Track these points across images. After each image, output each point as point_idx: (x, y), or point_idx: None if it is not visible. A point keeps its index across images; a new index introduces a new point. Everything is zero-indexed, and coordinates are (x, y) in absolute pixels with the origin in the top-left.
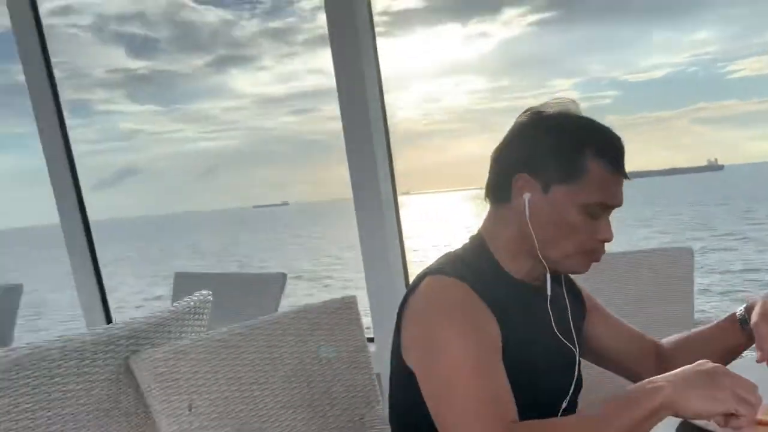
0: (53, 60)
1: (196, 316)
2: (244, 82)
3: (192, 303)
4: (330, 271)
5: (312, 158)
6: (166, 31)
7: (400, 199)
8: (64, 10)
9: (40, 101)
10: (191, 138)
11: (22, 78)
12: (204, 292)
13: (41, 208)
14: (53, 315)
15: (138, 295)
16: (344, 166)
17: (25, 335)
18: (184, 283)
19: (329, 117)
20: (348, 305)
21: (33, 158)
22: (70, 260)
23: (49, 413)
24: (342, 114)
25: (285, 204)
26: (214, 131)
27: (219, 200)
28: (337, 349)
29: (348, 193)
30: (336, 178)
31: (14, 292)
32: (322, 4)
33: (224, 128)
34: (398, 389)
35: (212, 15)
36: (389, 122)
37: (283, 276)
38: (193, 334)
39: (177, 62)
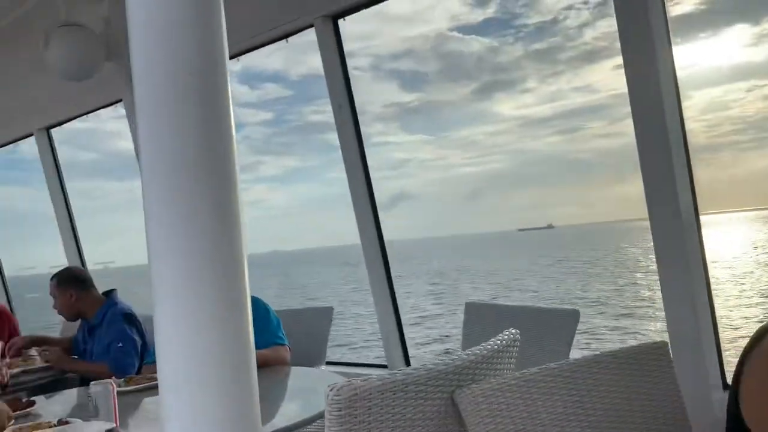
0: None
1: (507, 353)
2: (507, 105)
3: (504, 341)
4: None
5: (577, 178)
6: (434, 64)
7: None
8: (348, 55)
9: (345, 136)
10: (456, 164)
11: (313, 118)
12: (513, 330)
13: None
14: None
15: (413, 310)
16: (613, 187)
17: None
18: (476, 312)
19: (596, 135)
20: (659, 351)
21: (321, 187)
22: (369, 276)
23: None
24: (636, 124)
25: (550, 227)
26: (478, 156)
27: (483, 224)
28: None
29: (620, 214)
30: (605, 199)
31: (325, 313)
32: (589, 21)
33: (488, 152)
34: None
35: (477, 44)
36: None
37: (576, 313)
38: (507, 371)
39: (444, 92)
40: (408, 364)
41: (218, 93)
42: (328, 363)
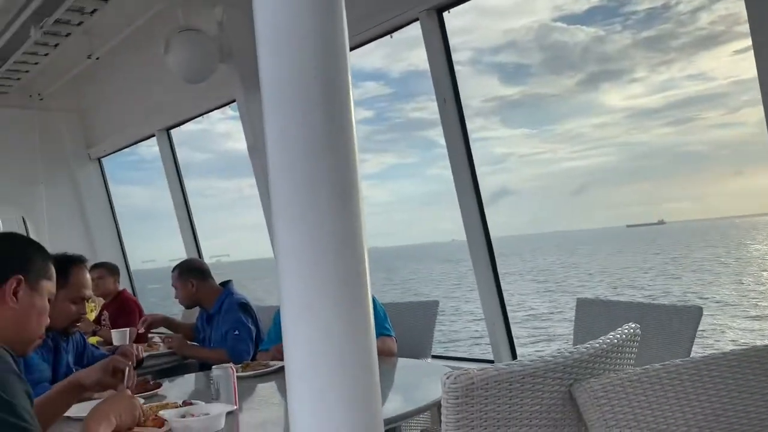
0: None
1: (628, 348)
2: (615, 96)
3: (624, 336)
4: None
5: (690, 172)
6: (537, 56)
7: None
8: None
9: (450, 131)
10: (560, 158)
11: (414, 115)
12: (633, 325)
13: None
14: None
15: (518, 308)
16: (731, 180)
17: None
18: (588, 309)
19: (711, 125)
20: None
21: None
22: (475, 271)
23: (508, 430)
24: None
25: (661, 223)
26: (583, 149)
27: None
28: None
29: (740, 209)
30: (721, 193)
31: (431, 307)
32: (704, 4)
33: (594, 146)
34: None
35: (582, 33)
36: None
37: (698, 310)
38: (626, 367)
39: (547, 85)
40: (515, 359)
41: (341, 93)
42: (434, 357)
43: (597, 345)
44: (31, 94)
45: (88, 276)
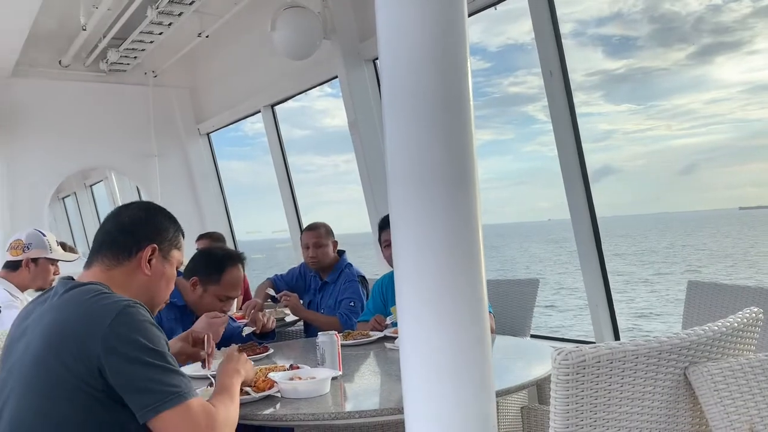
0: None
1: (748, 332)
2: (730, 69)
3: (744, 319)
4: None
5: None
6: (645, 27)
7: None
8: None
9: (556, 104)
10: (668, 135)
11: (511, 90)
12: (755, 309)
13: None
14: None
15: (622, 292)
16: None
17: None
18: (699, 292)
19: None
20: None
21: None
22: (579, 252)
23: (619, 409)
24: None
25: None
26: (693, 126)
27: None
28: None
29: None
30: None
31: (531, 285)
32: None
33: (705, 123)
34: None
35: (696, 3)
36: None
37: None
38: (746, 352)
39: (656, 58)
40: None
41: (459, 76)
42: (532, 336)
43: (716, 328)
44: (147, 71)
45: (240, 276)
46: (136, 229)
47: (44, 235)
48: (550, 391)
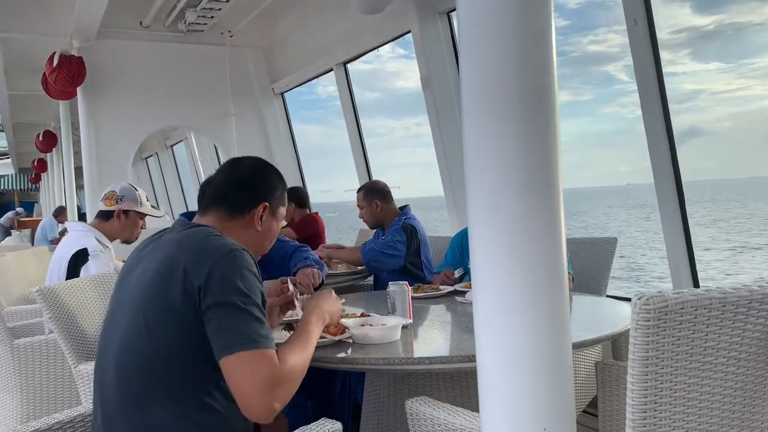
0: None
1: None
2: None
3: None
4: None
5: None
6: None
7: None
8: None
9: (640, 57)
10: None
11: (591, 48)
12: None
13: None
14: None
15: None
16: None
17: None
18: None
19: None
20: None
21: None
22: (661, 218)
23: (702, 359)
24: None
25: None
26: None
27: None
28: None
29: None
30: None
31: (609, 244)
32: None
33: None
34: None
35: None
36: None
37: None
38: None
39: (749, 12)
40: None
41: (542, 29)
42: (608, 297)
43: None
44: (223, 31)
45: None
46: (250, 188)
47: (136, 190)
48: (629, 338)
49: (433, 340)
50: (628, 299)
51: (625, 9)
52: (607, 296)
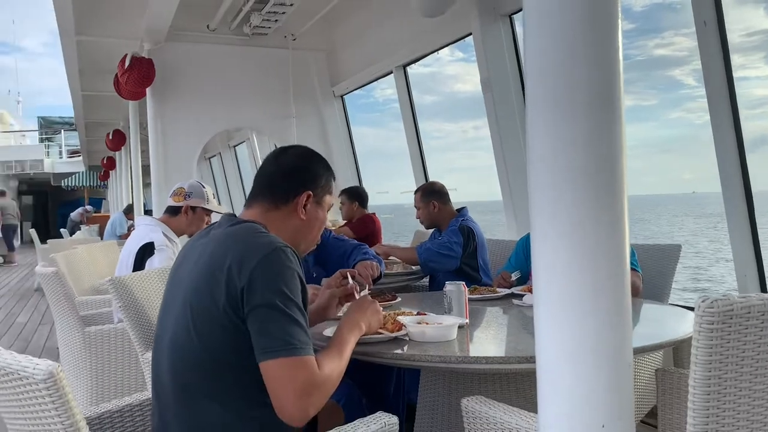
0: None
1: None
2: None
3: None
4: None
5: None
6: None
7: None
8: None
9: (709, 60)
10: None
11: (657, 52)
12: None
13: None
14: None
15: None
16: None
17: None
18: None
19: None
20: None
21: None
22: (729, 228)
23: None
24: None
25: None
26: None
27: None
28: None
29: None
30: None
31: (673, 251)
32: None
33: None
34: None
35: None
36: None
37: None
38: None
39: None
40: None
41: (610, 30)
42: (671, 305)
43: None
44: (286, 35)
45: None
46: (294, 176)
47: (204, 187)
48: (692, 341)
49: (489, 341)
50: (693, 309)
51: (694, 10)
52: (670, 304)
